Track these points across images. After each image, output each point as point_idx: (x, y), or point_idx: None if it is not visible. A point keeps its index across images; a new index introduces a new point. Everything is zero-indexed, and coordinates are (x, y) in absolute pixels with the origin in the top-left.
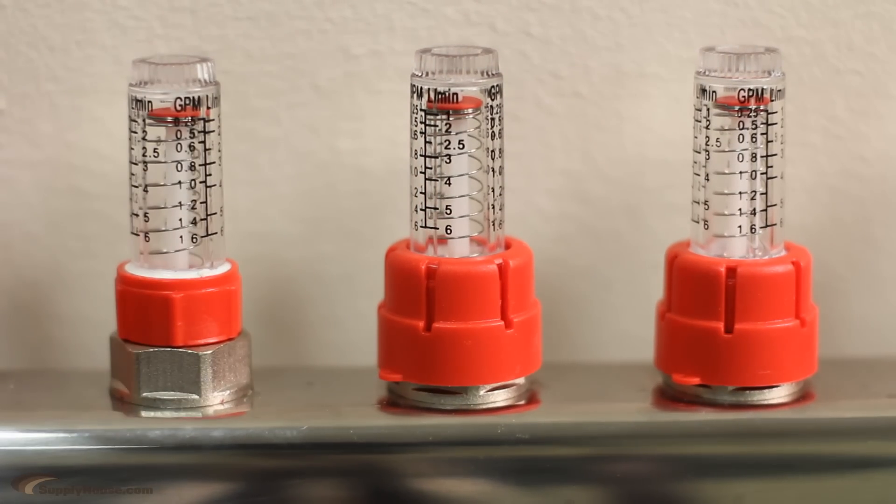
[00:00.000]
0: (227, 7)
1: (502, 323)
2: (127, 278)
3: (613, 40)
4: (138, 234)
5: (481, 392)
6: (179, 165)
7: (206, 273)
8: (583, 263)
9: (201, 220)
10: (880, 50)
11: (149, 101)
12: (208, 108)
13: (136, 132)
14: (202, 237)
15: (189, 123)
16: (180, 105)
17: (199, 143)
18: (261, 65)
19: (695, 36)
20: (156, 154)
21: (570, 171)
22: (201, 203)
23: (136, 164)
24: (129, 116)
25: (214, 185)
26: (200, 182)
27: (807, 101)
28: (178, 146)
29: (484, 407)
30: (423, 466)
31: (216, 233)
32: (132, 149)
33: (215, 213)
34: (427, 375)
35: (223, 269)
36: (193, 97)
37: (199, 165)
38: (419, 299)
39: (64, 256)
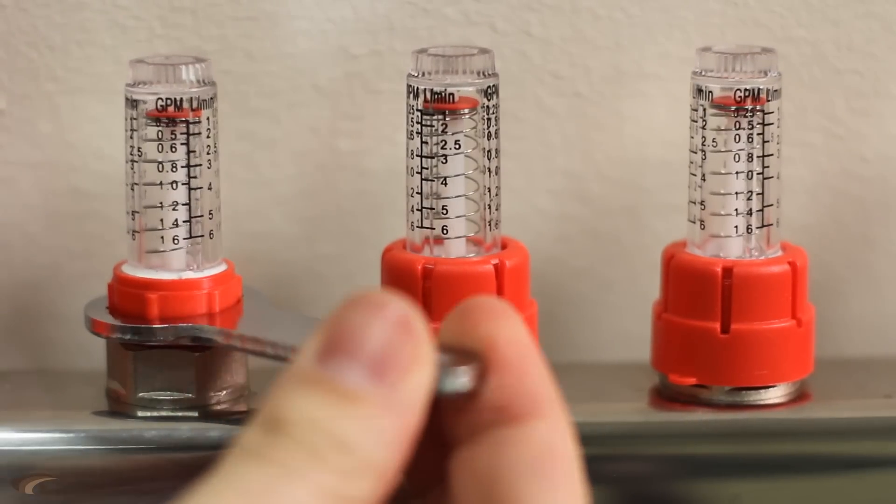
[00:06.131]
0: (227, 7)
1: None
2: (122, 278)
3: (614, 40)
4: (133, 234)
5: None
6: (174, 165)
7: (202, 273)
8: (582, 263)
9: (197, 219)
10: (880, 50)
11: (143, 102)
12: (201, 108)
13: (130, 132)
14: (198, 237)
15: (182, 124)
16: (173, 105)
17: (194, 143)
18: (261, 65)
19: (695, 36)
20: (149, 154)
21: (571, 171)
22: (196, 203)
23: (130, 163)
24: (124, 116)
25: (210, 185)
26: (195, 182)
27: (807, 101)
28: (172, 146)
29: None
30: None
31: (212, 232)
32: (126, 149)
33: (211, 213)
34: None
35: (219, 269)
36: (186, 98)
37: (194, 165)
38: (415, 300)
39: (64, 257)
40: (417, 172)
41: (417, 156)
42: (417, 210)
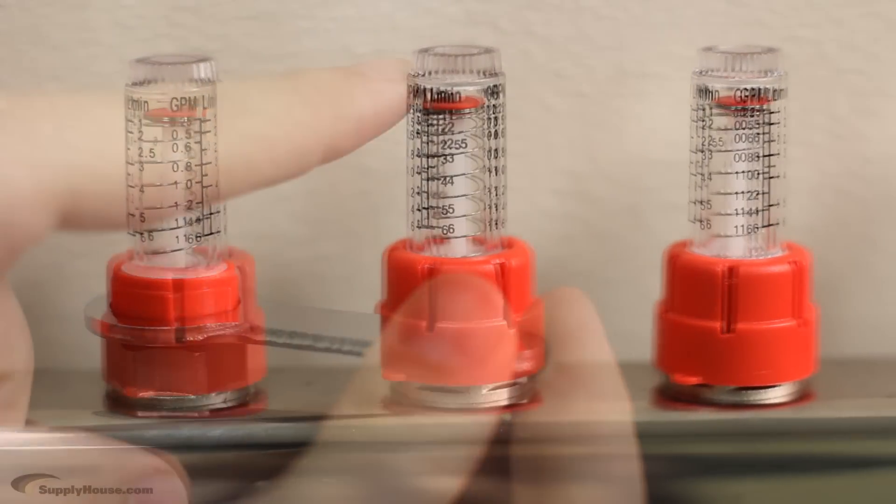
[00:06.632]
0: (230, 6)
1: (504, 323)
2: (132, 279)
3: (616, 40)
4: (141, 235)
5: (483, 391)
6: (175, 166)
7: (203, 274)
8: (585, 263)
9: (207, 217)
10: (884, 50)
11: (144, 102)
12: (205, 108)
13: (132, 132)
14: (199, 238)
15: (185, 124)
16: (176, 105)
17: (196, 143)
18: (264, 64)
19: (698, 35)
20: (152, 154)
21: (573, 170)
22: (198, 204)
23: (132, 164)
24: (126, 117)
25: (212, 186)
26: (197, 182)
27: (810, 101)
28: (175, 146)
29: (486, 405)
30: (424, 465)
31: (214, 233)
32: (128, 149)
33: (214, 214)
34: (428, 375)
35: (220, 269)
36: (189, 97)
37: (196, 166)
38: None
39: (64, 256)
40: (419, 172)
41: (419, 155)
42: (420, 210)
